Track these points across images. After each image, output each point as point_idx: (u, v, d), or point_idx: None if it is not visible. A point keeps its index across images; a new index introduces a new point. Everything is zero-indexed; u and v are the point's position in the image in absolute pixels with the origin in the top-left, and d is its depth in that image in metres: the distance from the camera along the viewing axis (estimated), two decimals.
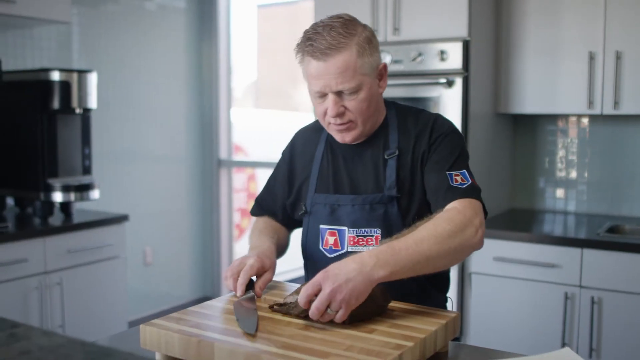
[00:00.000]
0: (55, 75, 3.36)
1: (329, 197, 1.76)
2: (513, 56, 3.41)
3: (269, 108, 6.57)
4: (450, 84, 3.13)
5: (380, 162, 1.74)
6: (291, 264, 5.72)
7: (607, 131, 3.55)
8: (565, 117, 3.63)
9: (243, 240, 5.92)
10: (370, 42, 1.65)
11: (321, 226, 1.76)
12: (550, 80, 3.33)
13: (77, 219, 3.48)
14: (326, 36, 1.59)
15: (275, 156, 2.01)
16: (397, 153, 1.72)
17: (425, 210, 1.69)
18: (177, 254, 5.01)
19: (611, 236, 3.06)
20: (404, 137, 1.74)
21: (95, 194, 3.54)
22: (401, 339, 1.29)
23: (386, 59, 3.30)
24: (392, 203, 1.70)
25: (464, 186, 1.62)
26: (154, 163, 4.77)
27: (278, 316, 1.43)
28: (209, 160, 5.19)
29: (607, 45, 3.18)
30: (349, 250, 1.71)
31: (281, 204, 1.89)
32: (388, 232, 1.66)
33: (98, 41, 4.32)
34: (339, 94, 1.62)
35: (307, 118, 3.66)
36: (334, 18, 1.65)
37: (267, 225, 1.87)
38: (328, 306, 1.33)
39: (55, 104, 3.37)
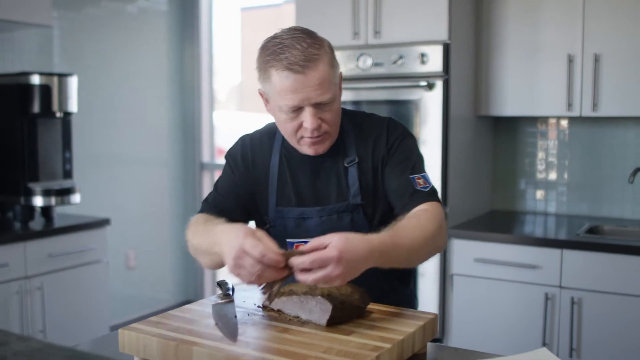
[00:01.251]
0: (36, 79, 3.35)
1: (292, 211, 1.73)
2: (493, 59, 3.44)
3: (253, 111, 6.56)
4: (430, 86, 3.15)
5: (341, 171, 1.73)
6: None
7: (586, 133, 3.58)
8: (545, 119, 3.66)
9: None
10: (333, 51, 1.65)
11: (288, 240, 1.72)
12: (530, 83, 3.35)
13: (58, 223, 3.47)
14: (298, 47, 1.55)
15: None
16: (356, 160, 1.72)
17: (388, 214, 1.70)
18: (160, 257, 5.00)
19: (591, 237, 3.09)
20: (361, 143, 1.74)
21: (76, 197, 3.53)
22: (379, 340, 1.29)
23: (367, 61, 3.32)
24: (357, 210, 1.71)
25: (427, 189, 1.65)
26: (136, 166, 4.75)
27: (257, 318, 1.44)
28: (191, 164, 5.18)
29: (586, 48, 3.21)
30: None
31: (241, 205, 1.78)
32: None
33: (79, 44, 4.30)
34: (316, 106, 1.59)
35: None
36: (292, 31, 1.61)
37: (211, 217, 1.69)
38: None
39: (36, 107, 3.36)
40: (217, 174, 5.63)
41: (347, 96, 3.50)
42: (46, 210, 3.49)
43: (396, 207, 1.67)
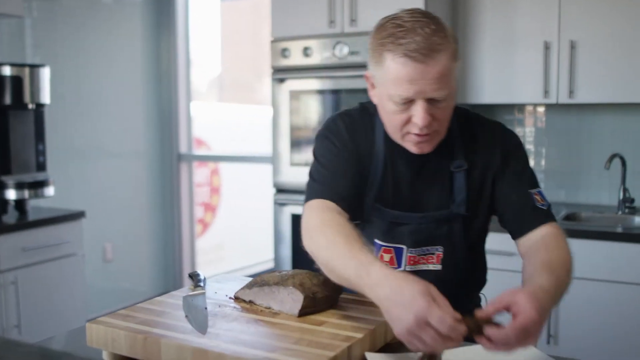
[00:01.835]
0: (7, 70, 3.29)
1: (387, 213, 1.57)
2: (470, 47, 3.43)
3: (233, 102, 6.52)
4: None
5: (446, 175, 1.57)
6: (257, 257, 5.74)
7: (562, 120, 3.59)
8: (522, 106, 3.66)
9: (206, 236, 5.88)
10: (457, 43, 1.45)
11: (376, 240, 1.59)
12: (507, 70, 3.35)
13: (32, 216, 3.42)
14: (421, 33, 1.37)
15: (239, 150, 1.87)
16: (465, 166, 1.56)
17: (485, 227, 1.62)
18: (138, 250, 4.95)
19: (568, 223, 3.09)
20: (471, 148, 1.58)
21: (50, 190, 3.48)
22: (351, 330, 1.28)
23: (344, 50, 3.29)
24: (457, 220, 1.57)
25: (546, 207, 1.53)
26: (112, 158, 4.69)
27: (228, 310, 1.42)
28: (169, 155, 5.13)
29: (562, 35, 3.21)
30: (407, 269, 1.58)
31: (357, 189, 1.55)
32: (451, 250, 1.58)
33: (52, 35, 4.23)
34: (430, 101, 1.41)
35: (269, 111, 3.65)
36: (416, 14, 1.41)
37: (351, 230, 1.39)
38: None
39: (7, 99, 3.30)
40: (197, 165, 5.66)
41: (324, 85, 3.48)
42: (20, 204, 3.43)
43: (514, 224, 1.55)
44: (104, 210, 4.56)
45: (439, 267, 1.59)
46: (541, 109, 3.64)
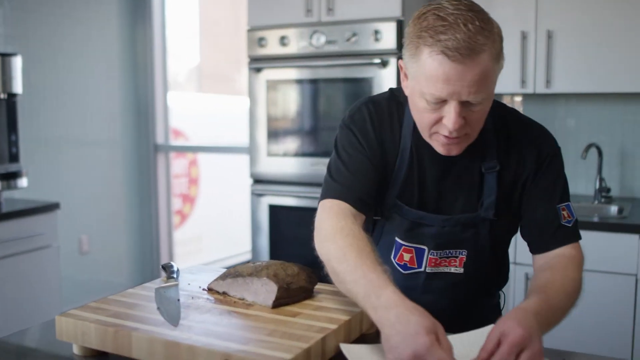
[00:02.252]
0: None
1: (410, 212, 1.48)
2: None
3: (212, 92, 6.48)
4: (384, 64, 3.11)
5: (476, 176, 1.47)
6: (236, 248, 5.71)
7: (539, 109, 3.60)
8: (499, 96, 3.66)
9: (184, 227, 5.84)
10: (502, 41, 1.33)
11: (397, 239, 1.52)
12: None
13: (5, 208, 3.36)
14: (464, 30, 1.25)
15: (218, 141, 1.81)
16: (498, 168, 1.46)
17: (512, 229, 1.55)
18: (115, 242, 4.90)
19: None
20: (505, 149, 1.47)
21: (23, 182, 3.43)
22: (325, 321, 1.26)
23: (321, 39, 3.27)
24: (484, 224, 1.49)
25: (571, 224, 1.45)
26: (88, 149, 4.63)
27: (201, 302, 1.39)
28: (145, 145, 5.08)
29: (539, 25, 3.21)
30: (428, 270, 1.52)
31: (376, 188, 1.47)
32: (475, 254, 1.51)
33: (25, 23, 4.15)
34: (464, 103, 1.30)
35: (246, 101, 3.62)
36: (460, 6, 1.29)
37: (365, 242, 1.32)
38: None
39: None
40: (175, 156, 5.62)
41: (301, 74, 3.46)
42: None
43: (534, 239, 1.48)
44: (79, 202, 4.51)
45: (460, 270, 1.52)
46: (518, 99, 3.65)
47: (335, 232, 1.33)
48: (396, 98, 1.52)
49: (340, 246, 1.30)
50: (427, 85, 1.29)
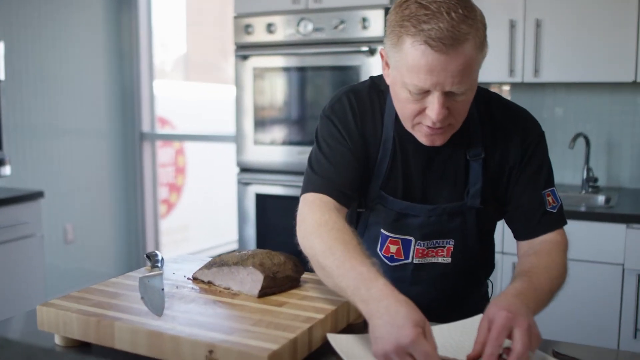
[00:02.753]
0: None
1: (396, 203, 1.46)
2: None
3: (199, 81, 6.43)
4: (372, 52, 3.09)
5: (462, 164, 1.45)
6: (223, 238, 5.68)
7: (527, 99, 3.59)
8: (487, 85, 3.65)
9: (171, 217, 5.81)
10: (485, 29, 1.29)
11: (382, 231, 1.49)
12: None
13: None
14: (447, 19, 1.21)
15: (204, 129, 1.77)
16: (483, 155, 1.44)
17: (498, 215, 1.53)
18: (100, 231, 4.87)
19: None
20: (490, 136, 1.45)
21: (5, 170, 3.39)
22: (312, 311, 1.24)
23: (308, 26, 3.24)
24: (471, 213, 1.47)
25: (556, 209, 1.44)
26: (72, 137, 4.58)
27: (186, 291, 1.37)
28: (131, 134, 5.04)
29: (528, 14, 3.20)
30: (415, 261, 1.50)
31: (358, 181, 1.45)
32: (462, 243, 1.50)
33: (8, 9, 4.09)
34: (447, 94, 1.27)
35: (233, 90, 3.59)
36: None
37: (351, 235, 1.30)
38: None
39: None
40: (162, 145, 5.57)
41: (288, 62, 3.43)
42: None
43: (520, 226, 1.47)
44: (64, 190, 4.46)
45: (448, 260, 1.51)
46: (506, 88, 3.64)
47: (320, 226, 1.31)
48: (377, 87, 1.49)
49: (326, 240, 1.27)
50: (410, 76, 1.26)
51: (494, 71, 3.29)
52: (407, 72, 1.27)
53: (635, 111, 3.43)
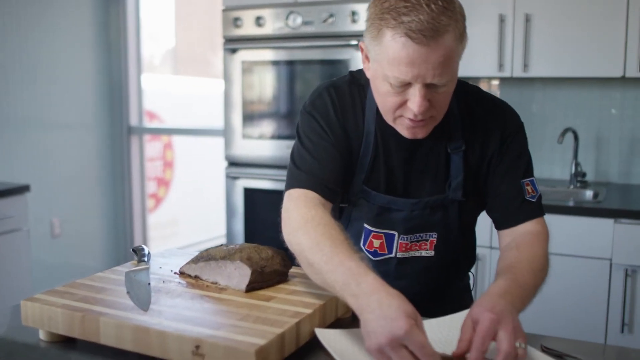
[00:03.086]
0: None
1: (379, 197, 1.46)
2: None
3: (188, 75, 6.40)
4: None
5: (442, 157, 1.45)
6: (212, 232, 5.66)
7: (516, 93, 3.59)
8: (476, 80, 3.65)
9: (159, 211, 5.78)
10: (465, 20, 1.30)
11: (365, 225, 1.49)
12: None
13: None
14: (427, 11, 1.21)
15: (193, 123, 1.75)
16: (463, 147, 1.45)
17: (478, 211, 1.54)
18: (88, 225, 4.83)
19: None
20: (470, 128, 1.46)
21: None
22: (300, 306, 1.24)
23: (297, 20, 3.22)
24: (453, 206, 1.48)
25: (535, 199, 1.45)
26: (59, 130, 4.54)
27: (172, 286, 1.36)
28: (119, 127, 5.00)
29: (517, 8, 3.19)
30: (398, 256, 1.50)
31: (342, 176, 1.44)
32: (445, 236, 1.50)
33: None
34: (428, 86, 1.27)
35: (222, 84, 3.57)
36: None
37: (338, 231, 1.28)
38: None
39: None
40: (150, 139, 5.54)
41: (277, 56, 3.41)
42: None
43: (499, 215, 1.47)
44: (51, 184, 4.43)
45: (431, 253, 1.51)
46: (495, 83, 3.64)
47: (306, 222, 1.29)
48: (357, 81, 1.49)
49: (313, 236, 1.25)
50: (391, 69, 1.26)
51: (483, 66, 3.29)
52: (387, 65, 1.26)
53: (623, 106, 3.44)
